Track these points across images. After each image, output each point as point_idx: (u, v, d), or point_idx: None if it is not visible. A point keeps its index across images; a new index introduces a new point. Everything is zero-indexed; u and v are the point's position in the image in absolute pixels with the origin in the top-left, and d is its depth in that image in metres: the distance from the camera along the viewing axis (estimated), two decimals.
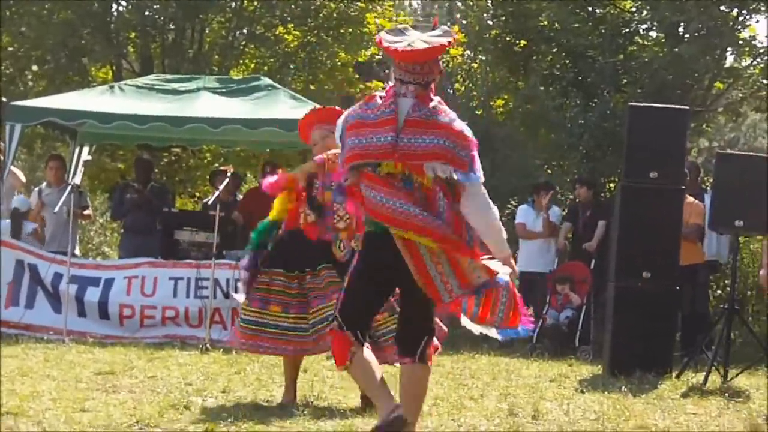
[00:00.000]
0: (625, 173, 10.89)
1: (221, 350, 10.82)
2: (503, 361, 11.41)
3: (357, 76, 22.86)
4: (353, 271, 5.90)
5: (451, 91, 18.51)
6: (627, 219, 10.67)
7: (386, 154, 5.66)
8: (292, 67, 20.70)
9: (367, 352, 5.85)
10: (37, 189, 13.99)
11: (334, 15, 21.42)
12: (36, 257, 12.68)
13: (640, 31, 17.99)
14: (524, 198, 15.32)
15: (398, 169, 5.69)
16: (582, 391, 9.00)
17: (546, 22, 17.96)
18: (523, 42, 18.76)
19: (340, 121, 5.93)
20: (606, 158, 16.13)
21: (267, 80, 14.79)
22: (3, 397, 7.15)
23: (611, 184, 16.46)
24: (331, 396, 8.06)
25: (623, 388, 9.04)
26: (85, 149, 14.92)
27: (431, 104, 5.79)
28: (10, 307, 12.46)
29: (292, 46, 21.12)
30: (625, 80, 17.17)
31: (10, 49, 21.31)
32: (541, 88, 17.59)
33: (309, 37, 21.26)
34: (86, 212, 14.15)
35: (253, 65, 21.62)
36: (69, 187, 12.49)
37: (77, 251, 14.32)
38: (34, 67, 22.11)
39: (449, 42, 5.86)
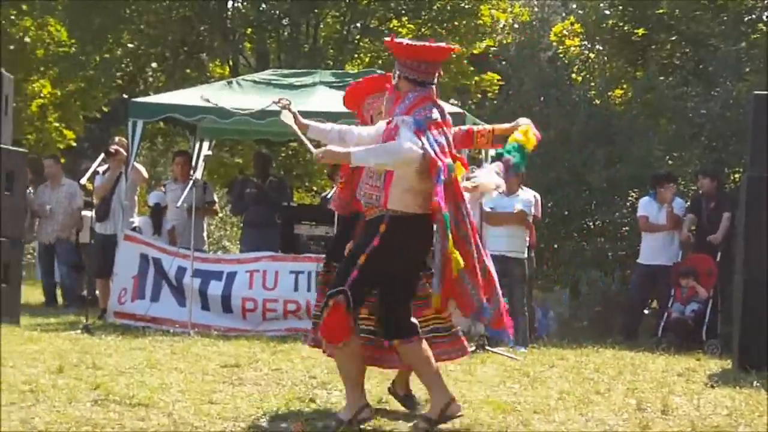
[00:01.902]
0: (750, 163, 10.61)
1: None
2: (628, 355, 11.23)
3: (471, 68, 22.79)
4: (372, 252, 6.18)
5: (569, 82, 18.27)
6: (753, 210, 10.38)
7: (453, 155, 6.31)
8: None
9: (356, 345, 6.27)
10: (162, 184, 14.16)
11: (448, 7, 21.37)
12: (159, 251, 12.86)
13: (764, 17, 17.59)
14: (645, 190, 15.07)
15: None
16: (712, 386, 8.79)
17: (665, 10, 17.65)
18: (641, 31, 18.49)
19: (414, 119, 6.17)
20: (729, 148, 15.81)
21: (382, 74, 14.74)
22: (134, 389, 7.24)
23: (736, 175, 16.12)
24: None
25: (755, 383, 8.80)
26: (205, 144, 15.07)
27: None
28: (136, 300, 12.68)
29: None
30: (747, 68, 16.79)
31: (131, 46, 21.63)
32: (661, 77, 17.30)
33: (423, 30, 21.23)
34: (214, 207, 14.29)
35: (367, 59, 21.68)
36: (191, 182, 12.59)
37: (205, 246, 14.47)
38: (154, 64, 22.43)
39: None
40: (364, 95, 7.21)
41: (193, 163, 14.80)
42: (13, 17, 22.11)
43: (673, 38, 17.46)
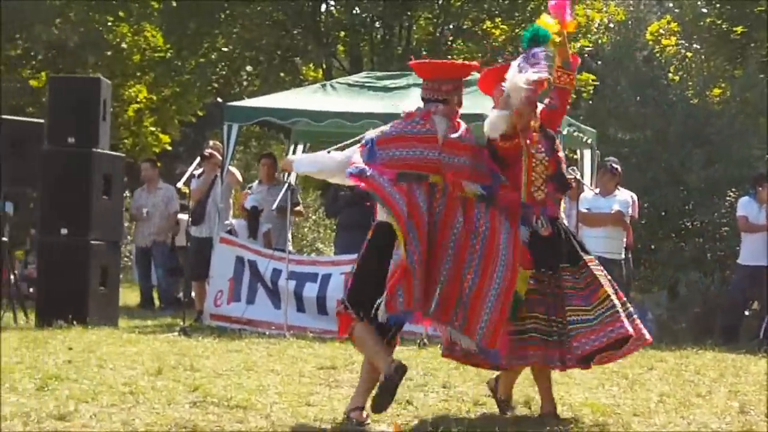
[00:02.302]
0: None
1: (438, 345, 10.77)
2: (729, 357, 11.02)
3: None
4: (364, 257, 6.58)
5: (666, 82, 18.04)
6: None
7: (436, 168, 6.44)
8: (500, 61, 20.55)
9: (362, 325, 6.46)
10: (248, 187, 14.25)
11: (542, 8, 21.17)
12: (254, 254, 12.92)
13: None
14: (744, 190, 14.79)
15: (441, 182, 6.46)
16: None
17: (765, 7, 17.34)
18: (740, 29, 18.18)
19: (371, 134, 6.57)
20: None
21: (476, 75, 14.67)
22: (231, 391, 7.27)
23: None
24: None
25: None
26: (299, 147, 15.12)
27: (461, 128, 6.55)
28: (232, 302, 12.75)
29: (499, 40, 20.99)
30: None
31: (225, 50, 21.83)
32: (761, 75, 17.00)
33: (517, 31, 21.10)
34: (297, 208, 14.35)
35: (461, 60, 21.59)
36: (285, 185, 12.63)
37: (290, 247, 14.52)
38: (248, 68, 22.61)
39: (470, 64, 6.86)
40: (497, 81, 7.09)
41: None
42: (110, 23, 22.44)
43: None
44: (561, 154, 6.87)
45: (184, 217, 16.35)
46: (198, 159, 13.08)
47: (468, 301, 6.41)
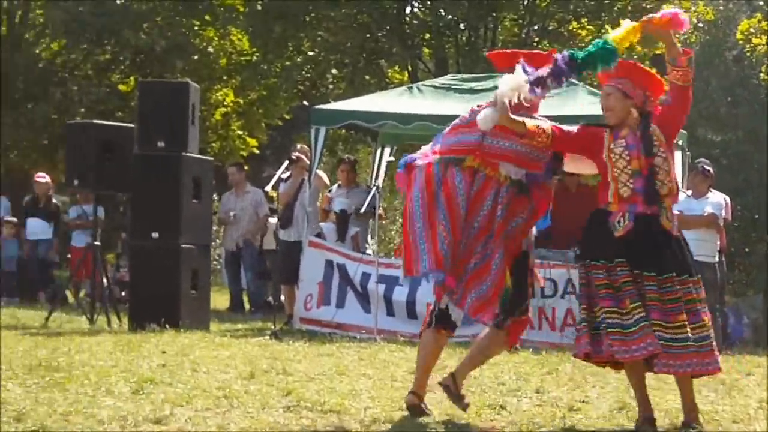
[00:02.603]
0: None
1: (530, 349, 10.71)
2: None
3: (654, 69, 22.32)
4: None
5: (757, 81, 17.75)
6: None
7: (473, 151, 6.69)
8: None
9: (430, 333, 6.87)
10: (329, 190, 14.30)
11: (629, 8, 21.01)
12: (344, 257, 12.92)
13: None
14: None
15: (476, 163, 6.68)
16: None
17: None
18: None
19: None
20: None
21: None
22: (324, 395, 7.26)
23: None
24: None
25: None
26: (386, 150, 15.12)
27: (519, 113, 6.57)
28: (322, 306, 12.77)
29: (586, 41, 20.79)
30: None
31: (311, 53, 21.91)
32: None
33: (603, 32, 20.90)
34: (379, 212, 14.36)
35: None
36: (373, 189, 12.63)
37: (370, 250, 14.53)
38: (334, 71, 22.67)
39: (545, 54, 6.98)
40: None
41: (375, 169, 14.89)
42: (196, 28, 22.63)
43: None
44: (661, 159, 6.62)
45: (272, 220, 16.42)
46: (286, 162, 13.12)
47: (468, 278, 6.70)
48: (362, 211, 12.60)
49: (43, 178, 17.58)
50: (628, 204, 6.53)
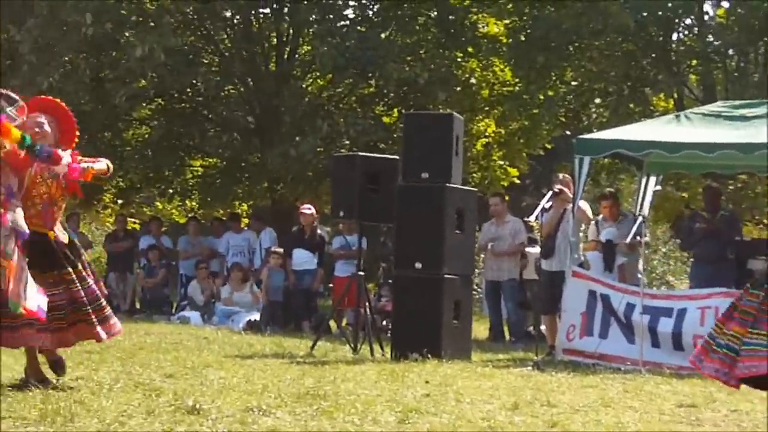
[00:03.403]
0: None
1: None
2: None
3: None
4: None
5: None
6: None
7: None
8: None
9: None
10: (593, 221, 14.14)
11: None
12: (608, 288, 12.74)
13: None
14: None
15: None
16: None
17: None
18: None
19: None
20: None
21: None
22: (590, 427, 7.12)
23: None
24: None
25: None
26: (652, 179, 14.82)
27: None
28: (585, 336, 12.60)
29: None
30: None
31: (574, 83, 21.78)
32: None
33: None
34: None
35: None
36: (639, 218, 12.40)
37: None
38: (597, 100, 22.47)
39: None
40: None
41: (640, 198, 14.63)
42: (459, 59, 22.82)
43: None
44: None
45: (532, 250, 16.35)
46: (549, 193, 13.03)
47: None
48: (628, 241, 12.39)
49: (308, 209, 18.01)
50: None
